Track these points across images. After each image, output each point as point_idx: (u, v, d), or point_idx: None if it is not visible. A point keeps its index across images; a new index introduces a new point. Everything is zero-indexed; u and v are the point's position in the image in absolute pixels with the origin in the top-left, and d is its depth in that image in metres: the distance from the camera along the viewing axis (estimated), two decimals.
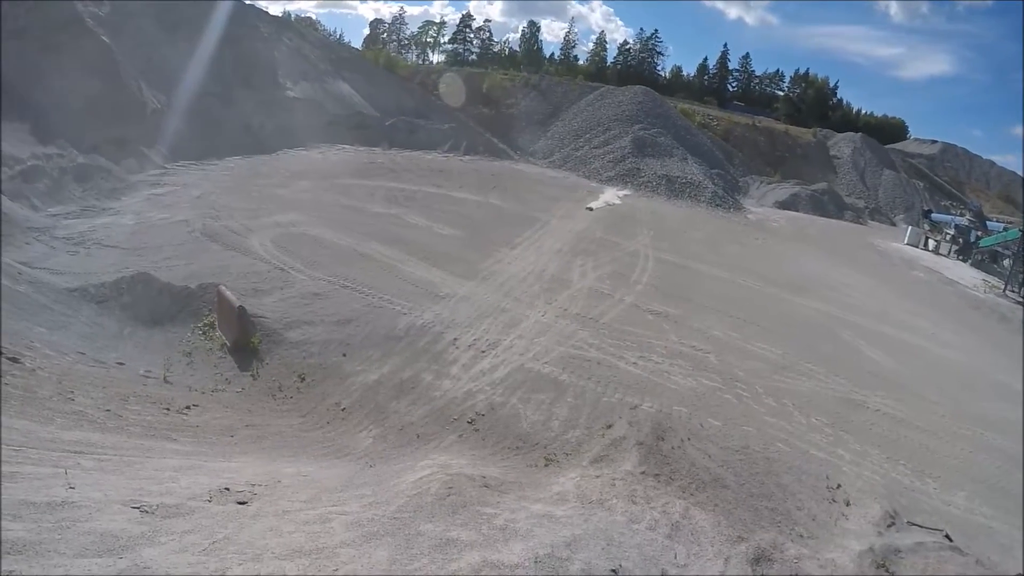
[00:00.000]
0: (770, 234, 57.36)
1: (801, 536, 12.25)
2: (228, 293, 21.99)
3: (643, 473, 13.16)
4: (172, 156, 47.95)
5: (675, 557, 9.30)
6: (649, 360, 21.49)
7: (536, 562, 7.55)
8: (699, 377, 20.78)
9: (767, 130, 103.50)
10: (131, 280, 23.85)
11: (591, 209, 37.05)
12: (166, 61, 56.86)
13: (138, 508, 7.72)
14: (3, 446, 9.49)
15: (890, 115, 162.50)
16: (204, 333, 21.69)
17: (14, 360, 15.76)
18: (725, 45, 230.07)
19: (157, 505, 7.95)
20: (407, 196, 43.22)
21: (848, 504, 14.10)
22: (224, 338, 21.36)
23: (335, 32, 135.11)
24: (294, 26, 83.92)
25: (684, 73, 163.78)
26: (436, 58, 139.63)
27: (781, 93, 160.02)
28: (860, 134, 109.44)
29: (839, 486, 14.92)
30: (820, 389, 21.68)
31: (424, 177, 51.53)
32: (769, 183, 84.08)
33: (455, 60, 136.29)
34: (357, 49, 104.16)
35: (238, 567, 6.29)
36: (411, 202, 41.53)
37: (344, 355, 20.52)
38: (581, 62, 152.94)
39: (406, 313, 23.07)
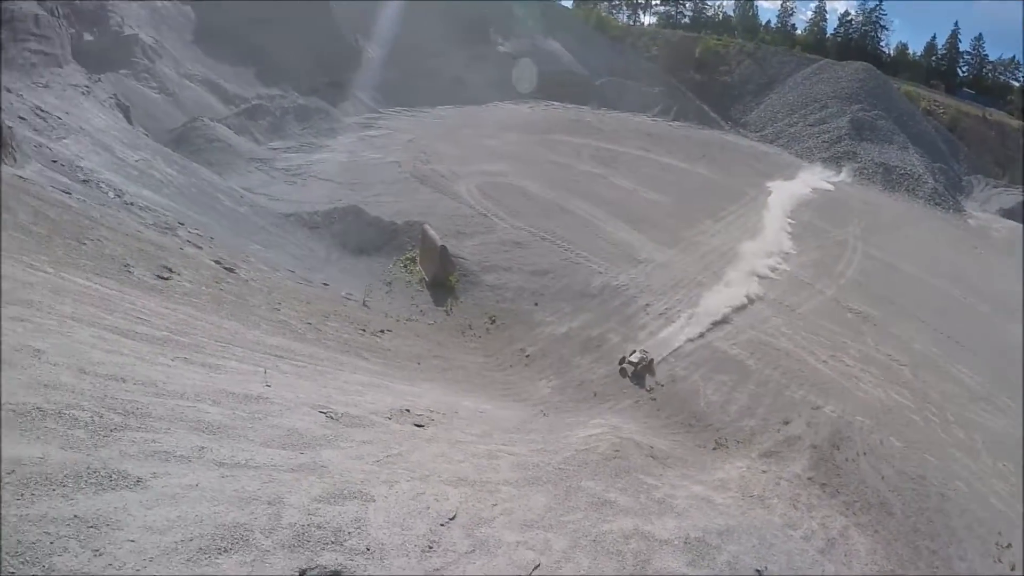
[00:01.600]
0: (990, 245, 51.48)
1: None
2: (432, 232, 23.18)
3: (810, 479, 12.55)
4: (386, 102, 50.82)
5: (822, 574, 8.72)
6: (840, 361, 20.12)
7: (685, 543, 7.37)
8: (889, 390, 19.21)
9: (999, 125, 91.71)
10: (343, 211, 25.67)
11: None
12: (382, 15, 59.95)
13: (324, 413, 8.14)
14: (213, 341, 10.20)
15: None
16: (405, 266, 22.97)
17: (230, 270, 17.48)
18: (956, 23, 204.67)
19: (342, 414, 8.35)
20: (613, 157, 42.84)
21: (1013, 569, 12.66)
22: (424, 273, 22.58)
23: None
24: None
25: (910, 51, 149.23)
26: (647, 20, 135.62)
27: (1017, 84, 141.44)
28: None
29: (1009, 545, 13.31)
30: (1015, 431, 19.29)
31: (631, 139, 50.82)
32: (995, 186, 74.58)
33: (667, 23, 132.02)
34: (568, 8, 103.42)
35: (406, 483, 6.49)
36: (617, 163, 41.12)
37: (536, 304, 21.00)
38: (799, 32, 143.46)
39: (602, 272, 23.03)
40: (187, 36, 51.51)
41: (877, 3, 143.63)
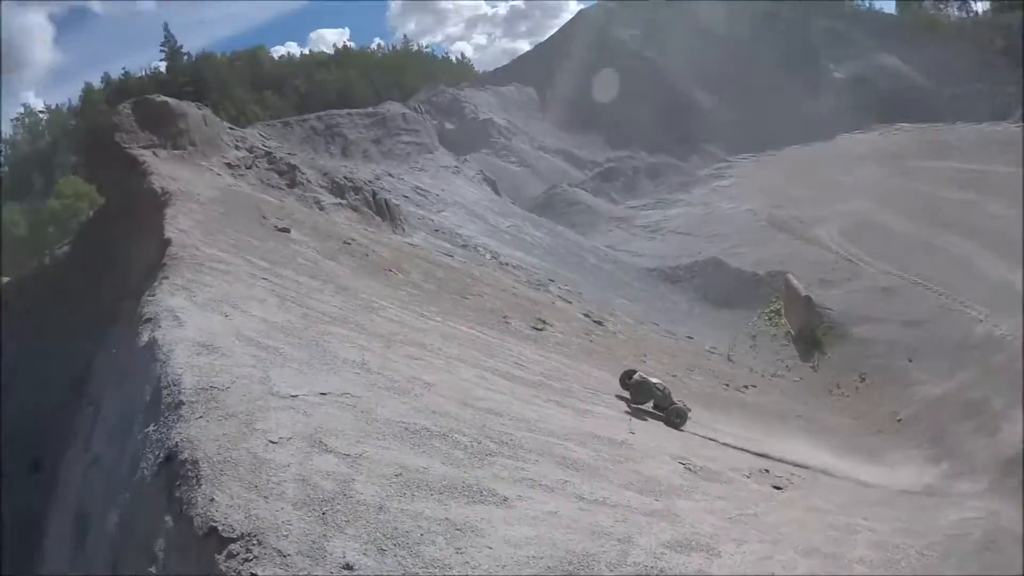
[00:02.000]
0: None
1: None
2: (795, 281, 22.78)
3: None
4: (732, 149, 51.79)
5: None
6: None
7: None
8: None
9: None
10: (703, 264, 26.42)
11: None
12: (707, 62, 61.42)
13: (684, 464, 8.41)
14: (582, 388, 11.16)
15: None
16: (770, 319, 22.74)
17: (599, 323, 18.99)
18: None
19: (700, 467, 8.56)
20: (979, 178, 34.78)
21: None
22: (789, 326, 21.90)
23: None
24: (824, 6, 77.46)
25: None
26: (980, 7, 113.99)
27: None
28: None
29: None
30: None
31: (997, 154, 40.97)
32: None
33: (1005, 7, 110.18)
34: (893, 15, 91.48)
35: (755, 544, 6.31)
36: (985, 186, 33.20)
37: (910, 360, 19.19)
38: None
39: (983, 320, 20.25)
40: (534, 113, 59.43)
41: None
